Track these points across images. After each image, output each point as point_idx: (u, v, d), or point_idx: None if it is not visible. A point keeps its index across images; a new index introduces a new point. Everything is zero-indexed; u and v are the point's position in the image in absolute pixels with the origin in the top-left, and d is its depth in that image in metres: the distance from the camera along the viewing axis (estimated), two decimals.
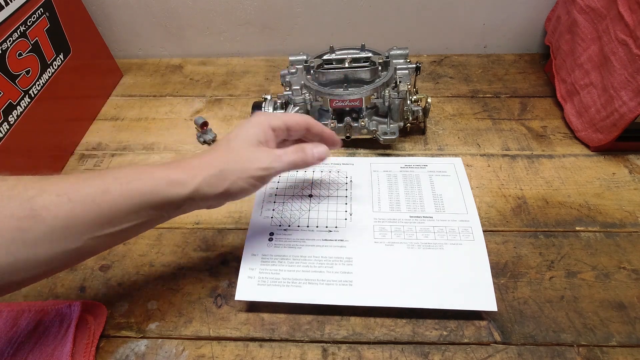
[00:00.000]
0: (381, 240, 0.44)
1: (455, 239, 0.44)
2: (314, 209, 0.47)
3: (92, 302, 0.42)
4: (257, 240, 0.44)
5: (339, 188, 0.49)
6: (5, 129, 0.47)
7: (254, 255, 0.43)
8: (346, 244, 0.44)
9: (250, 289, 0.41)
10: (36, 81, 0.52)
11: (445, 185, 0.49)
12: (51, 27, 0.55)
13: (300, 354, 0.39)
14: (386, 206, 0.47)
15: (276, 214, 0.47)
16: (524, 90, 0.65)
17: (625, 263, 0.44)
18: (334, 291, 0.40)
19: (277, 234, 0.45)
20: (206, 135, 0.59)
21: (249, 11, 0.70)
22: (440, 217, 0.46)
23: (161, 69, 0.74)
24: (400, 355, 0.38)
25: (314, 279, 0.41)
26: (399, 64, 0.55)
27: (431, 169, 0.51)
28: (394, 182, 0.50)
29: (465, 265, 0.42)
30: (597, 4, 0.52)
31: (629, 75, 0.47)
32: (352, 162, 0.53)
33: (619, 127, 0.50)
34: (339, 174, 0.51)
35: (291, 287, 0.41)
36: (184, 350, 0.39)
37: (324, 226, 0.45)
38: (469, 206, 0.47)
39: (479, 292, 0.40)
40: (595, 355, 0.38)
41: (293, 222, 0.46)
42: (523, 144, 0.57)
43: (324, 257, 0.43)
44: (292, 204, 0.48)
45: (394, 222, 0.45)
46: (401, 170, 0.51)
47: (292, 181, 0.50)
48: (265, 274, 0.42)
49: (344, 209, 0.47)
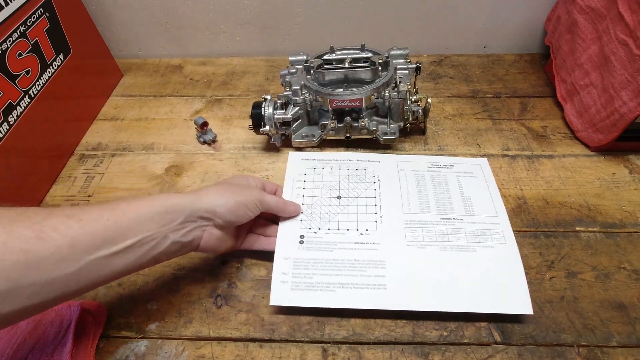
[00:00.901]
0: (413, 243, 0.43)
1: (487, 241, 0.43)
2: (343, 212, 0.46)
3: (92, 302, 0.42)
4: (287, 243, 0.43)
5: (367, 188, 0.48)
6: (5, 129, 0.47)
7: (286, 259, 0.42)
8: (378, 246, 0.43)
9: (284, 294, 0.40)
10: (36, 81, 0.52)
11: (473, 187, 0.49)
12: (51, 27, 0.55)
13: (300, 354, 0.39)
14: (416, 207, 0.47)
15: (305, 216, 0.46)
16: (524, 90, 0.65)
17: (625, 263, 0.44)
18: (368, 295, 0.40)
19: (307, 237, 0.44)
20: (206, 136, 0.59)
21: (249, 11, 0.70)
22: (470, 220, 0.45)
23: (161, 69, 0.74)
24: (400, 355, 0.38)
25: (347, 283, 0.41)
26: (399, 64, 0.55)
27: (458, 169, 0.51)
28: (422, 182, 0.49)
29: (499, 269, 0.41)
30: (597, 4, 0.52)
31: (629, 75, 0.47)
32: (378, 159, 0.52)
33: (619, 127, 0.50)
34: (366, 172, 0.50)
35: (325, 291, 0.40)
36: (184, 350, 0.39)
37: (354, 229, 0.45)
38: (499, 209, 0.46)
39: (514, 295, 0.39)
40: (595, 355, 0.38)
41: (323, 225, 0.45)
42: (523, 144, 0.57)
43: (357, 260, 0.42)
44: (320, 206, 0.46)
45: (424, 224, 0.45)
46: (429, 170, 0.51)
47: (318, 182, 0.49)
48: (298, 279, 0.41)
49: (374, 211, 0.46)
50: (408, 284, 0.41)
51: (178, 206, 0.35)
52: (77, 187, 0.54)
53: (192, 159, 0.57)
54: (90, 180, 0.55)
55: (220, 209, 0.38)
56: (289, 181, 0.49)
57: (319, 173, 0.50)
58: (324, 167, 0.50)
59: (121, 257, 0.32)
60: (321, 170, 0.50)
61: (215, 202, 0.38)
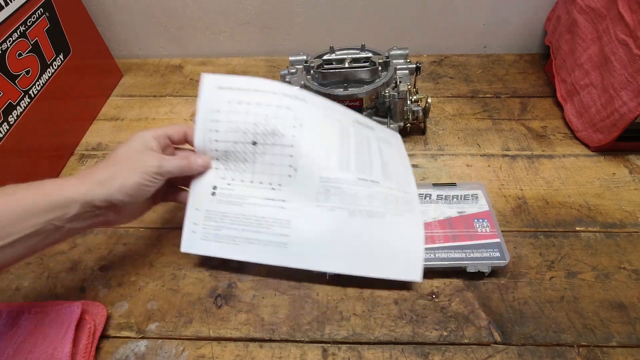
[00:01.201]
0: (323, 204, 0.42)
1: (398, 209, 0.44)
2: (258, 161, 0.43)
3: (92, 302, 0.42)
4: (200, 192, 0.43)
5: (285, 134, 0.42)
6: (5, 129, 0.47)
7: (197, 210, 0.43)
8: (286, 205, 0.42)
9: (194, 243, 0.42)
10: (36, 81, 0.52)
11: (390, 154, 0.49)
12: (51, 27, 0.55)
13: (300, 354, 0.39)
14: (335, 162, 0.43)
15: (220, 164, 0.43)
16: (524, 90, 0.65)
17: (625, 263, 0.44)
18: (270, 252, 0.41)
19: (220, 188, 0.43)
20: None
21: (249, 11, 0.70)
22: (386, 185, 0.45)
23: (161, 69, 0.74)
24: (400, 355, 0.38)
25: (252, 238, 0.42)
26: (399, 64, 0.55)
27: (378, 135, 0.50)
28: (347, 135, 0.46)
29: (402, 237, 0.43)
30: (597, 4, 0.52)
31: (629, 75, 0.47)
32: (305, 97, 0.45)
33: (619, 127, 0.50)
34: (287, 112, 0.43)
35: (231, 244, 0.42)
36: (184, 350, 0.39)
37: (267, 182, 0.43)
38: (410, 180, 0.48)
39: (410, 262, 0.42)
40: (595, 355, 0.38)
41: (237, 175, 0.43)
42: (523, 144, 0.57)
43: (264, 217, 0.42)
44: (235, 152, 0.43)
45: (340, 182, 0.43)
46: (353, 125, 0.48)
47: (234, 122, 0.42)
48: (207, 230, 0.42)
49: (289, 163, 0.42)
50: (310, 244, 0.41)
51: (68, 200, 0.33)
52: None
53: None
54: None
55: (116, 195, 0.35)
56: (201, 120, 0.42)
57: (235, 110, 0.42)
58: (241, 102, 0.42)
59: (10, 249, 0.31)
60: (237, 106, 0.42)
61: (110, 189, 0.35)
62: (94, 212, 0.36)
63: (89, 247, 0.47)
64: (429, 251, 0.43)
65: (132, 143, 0.39)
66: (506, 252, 0.42)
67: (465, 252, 0.43)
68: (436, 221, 0.46)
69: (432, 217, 0.46)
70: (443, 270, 0.43)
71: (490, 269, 0.42)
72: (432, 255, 0.43)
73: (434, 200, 0.48)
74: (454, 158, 0.56)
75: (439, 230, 0.45)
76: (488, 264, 0.42)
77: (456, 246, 0.43)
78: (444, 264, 0.42)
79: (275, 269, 0.44)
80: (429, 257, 0.43)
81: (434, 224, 0.45)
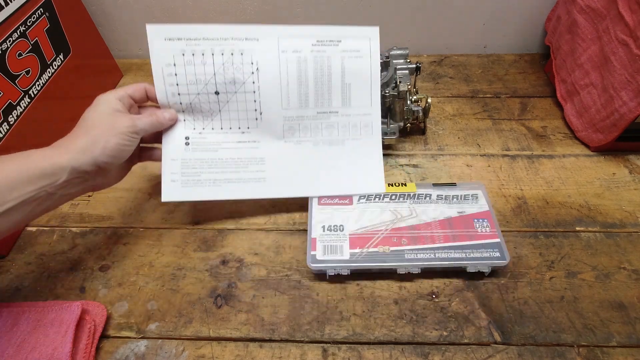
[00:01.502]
0: (290, 140, 0.47)
1: (356, 134, 0.48)
2: (224, 109, 0.46)
3: (92, 302, 0.42)
4: (173, 144, 0.45)
5: (245, 81, 0.45)
6: (5, 129, 0.47)
7: (173, 160, 0.45)
8: (258, 144, 0.47)
9: (175, 191, 0.45)
10: (36, 81, 0.52)
11: (356, 71, 0.47)
12: (51, 27, 0.55)
13: (300, 354, 0.39)
14: (295, 102, 0.46)
15: (187, 115, 0.46)
16: (524, 90, 0.65)
17: (625, 263, 0.44)
18: (250, 187, 0.46)
19: (192, 137, 0.46)
20: None
21: (249, 11, 0.70)
22: (345, 112, 0.47)
23: None
24: (400, 355, 0.38)
25: (232, 178, 0.46)
26: (399, 64, 0.55)
27: (344, 46, 0.47)
28: (304, 68, 0.46)
29: (362, 157, 0.48)
30: (597, 4, 0.52)
31: (629, 75, 0.47)
32: (256, 35, 0.45)
33: (619, 127, 0.50)
34: (242, 57, 0.44)
35: (212, 186, 0.46)
36: (184, 350, 0.39)
37: (236, 127, 0.46)
38: (374, 97, 0.48)
39: (372, 178, 0.48)
40: (595, 355, 0.38)
41: (207, 124, 0.46)
42: (523, 144, 0.57)
43: (240, 158, 0.46)
44: (200, 104, 0.45)
45: (302, 119, 0.47)
46: (312, 49, 0.46)
47: (192, 74, 0.44)
48: (187, 177, 0.45)
49: (254, 108, 0.46)
50: (284, 176, 0.47)
51: (56, 167, 0.35)
52: None
53: None
54: None
55: (101, 158, 0.37)
56: (158, 76, 0.44)
57: (190, 62, 0.44)
58: (194, 53, 0.43)
59: (7, 217, 0.33)
60: (192, 58, 0.44)
61: (94, 153, 0.37)
62: (83, 177, 0.38)
63: (89, 247, 0.47)
64: (429, 251, 0.43)
65: (99, 107, 0.40)
66: (506, 252, 0.42)
67: (465, 252, 0.43)
68: (436, 221, 0.46)
69: (432, 217, 0.46)
70: (443, 270, 0.43)
71: (490, 269, 0.42)
72: (432, 255, 0.43)
73: (434, 200, 0.48)
74: (454, 158, 0.56)
75: (439, 230, 0.45)
76: (488, 264, 0.42)
77: (456, 246, 0.43)
78: (443, 264, 0.42)
79: (274, 269, 0.45)
80: (429, 257, 0.43)
81: (434, 224, 0.45)
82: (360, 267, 0.42)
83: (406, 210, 0.47)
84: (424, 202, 0.48)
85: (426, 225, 0.45)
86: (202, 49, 0.44)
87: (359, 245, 0.44)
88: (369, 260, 0.43)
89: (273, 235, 0.48)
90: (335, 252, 0.43)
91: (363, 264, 0.42)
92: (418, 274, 0.43)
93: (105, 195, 0.53)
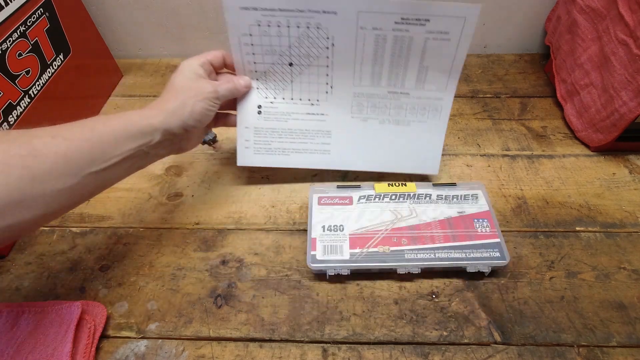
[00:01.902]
0: (357, 116, 0.49)
1: (423, 117, 0.48)
2: (296, 80, 0.47)
3: (92, 302, 0.42)
4: (248, 112, 0.48)
5: (319, 55, 0.45)
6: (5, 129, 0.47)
7: (247, 128, 0.49)
8: (326, 117, 0.49)
9: (248, 157, 0.49)
10: (36, 81, 0.52)
11: (438, 54, 0.44)
12: (51, 27, 0.55)
13: (300, 355, 0.39)
14: (367, 80, 0.47)
15: (261, 84, 0.48)
16: (524, 90, 0.65)
17: (625, 263, 0.44)
18: (317, 158, 0.50)
19: (264, 106, 0.48)
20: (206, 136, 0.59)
21: None
22: (417, 94, 0.47)
23: (161, 69, 0.74)
24: (400, 355, 0.38)
25: (299, 149, 0.50)
26: None
27: (432, 27, 0.42)
28: (382, 47, 0.44)
29: (425, 140, 0.49)
30: (597, 4, 0.52)
31: (629, 75, 0.47)
32: (334, 8, 0.42)
33: (619, 127, 0.50)
34: (318, 31, 0.43)
35: (281, 155, 0.50)
36: (184, 350, 0.39)
37: (306, 99, 0.48)
38: (451, 83, 0.46)
39: (430, 160, 0.50)
40: (595, 355, 0.38)
41: (278, 94, 0.48)
42: (523, 144, 0.57)
43: (307, 130, 0.49)
44: (274, 74, 0.47)
45: (371, 97, 0.48)
46: (394, 27, 0.42)
47: (267, 45, 0.45)
48: (259, 145, 0.49)
49: (325, 82, 0.47)
50: (348, 150, 0.50)
51: (151, 128, 0.37)
52: None
53: (192, 159, 0.57)
54: None
55: (189, 121, 0.40)
56: (235, 45, 0.45)
57: (266, 33, 0.44)
58: (270, 24, 0.43)
59: (112, 170, 0.35)
60: (268, 29, 0.43)
61: (183, 116, 0.39)
62: (171, 139, 0.40)
63: (88, 247, 0.47)
64: (429, 251, 0.43)
65: (184, 72, 0.42)
66: (506, 252, 0.42)
67: (465, 252, 0.43)
68: (436, 221, 0.46)
69: (432, 217, 0.46)
70: (443, 270, 0.44)
71: (490, 269, 0.42)
72: (432, 255, 0.43)
73: (434, 200, 0.48)
74: (454, 158, 0.56)
75: (439, 230, 0.45)
76: (488, 264, 0.42)
77: (456, 246, 0.43)
78: (444, 263, 0.42)
79: (274, 269, 0.45)
80: (429, 257, 0.43)
81: (433, 224, 0.45)
82: (360, 267, 0.42)
83: (406, 210, 0.47)
84: (424, 202, 0.48)
85: (426, 225, 0.45)
86: (277, 20, 0.43)
87: (359, 245, 0.44)
88: (369, 260, 0.43)
89: (273, 235, 0.48)
90: (335, 252, 0.43)
91: (363, 264, 0.42)
92: (418, 274, 0.43)
93: (105, 195, 0.53)
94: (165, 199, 0.52)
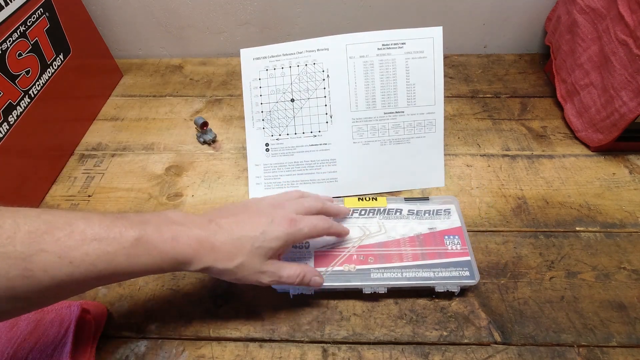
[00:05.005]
0: (359, 140, 0.50)
1: (420, 132, 0.51)
2: (298, 115, 0.50)
3: (92, 302, 0.42)
4: (256, 151, 0.51)
5: (317, 87, 0.50)
6: (5, 129, 0.47)
7: (257, 166, 0.52)
8: (329, 147, 0.51)
9: (259, 192, 0.51)
10: (36, 81, 0.52)
11: (420, 71, 0.49)
12: (51, 27, 0.55)
13: (300, 355, 0.39)
14: (363, 104, 0.50)
15: (266, 124, 0.51)
16: (524, 90, 0.65)
17: (625, 263, 0.44)
18: (324, 187, 0.51)
19: (271, 144, 0.51)
20: (206, 136, 0.59)
21: (249, 11, 0.70)
22: (410, 111, 0.50)
23: (161, 69, 0.74)
24: (401, 355, 0.38)
25: (307, 180, 0.51)
26: None
27: (408, 48, 0.49)
28: (370, 72, 0.49)
29: (425, 154, 0.51)
30: (597, 4, 0.52)
31: (629, 75, 0.47)
32: (327, 45, 0.49)
33: (619, 127, 0.50)
34: (315, 66, 0.50)
35: (290, 187, 0.51)
36: (184, 350, 0.39)
37: (309, 132, 0.50)
38: (438, 96, 0.50)
39: (434, 173, 0.52)
40: (595, 355, 0.38)
41: (282, 130, 0.51)
42: (523, 144, 0.57)
43: (313, 160, 0.51)
44: (277, 111, 0.50)
45: (369, 120, 0.50)
46: (378, 54, 0.49)
47: (272, 86, 0.50)
48: (269, 180, 0.51)
49: (324, 112, 0.50)
50: (354, 175, 0.51)
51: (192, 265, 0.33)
52: (77, 187, 0.54)
53: (192, 159, 0.57)
54: (90, 180, 0.55)
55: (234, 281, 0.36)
56: (247, 90, 0.51)
57: (272, 75, 0.50)
58: (276, 67, 0.50)
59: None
60: (273, 72, 0.50)
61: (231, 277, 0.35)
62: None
63: None
64: (396, 270, 0.41)
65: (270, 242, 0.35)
66: (476, 271, 0.41)
67: (434, 271, 0.41)
68: (405, 238, 0.44)
69: (401, 233, 0.44)
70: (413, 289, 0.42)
71: (459, 289, 0.41)
72: (399, 275, 0.41)
73: (405, 216, 0.46)
74: (454, 158, 0.56)
75: (408, 247, 0.43)
76: (457, 283, 0.40)
77: (425, 265, 0.41)
78: (411, 283, 0.40)
79: None
80: (395, 277, 0.41)
81: (402, 241, 0.44)
82: (324, 287, 0.40)
83: (375, 226, 0.45)
84: (394, 217, 0.46)
85: (395, 242, 0.43)
86: (281, 64, 0.50)
87: (324, 264, 0.42)
88: (333, 280, 0.41)
89: None
90: None
91: (327, 283, 0.40)
92: (384, 293, 0.41)
93: (105, 195, 0.53)
94: (165, 199, 0.52)
